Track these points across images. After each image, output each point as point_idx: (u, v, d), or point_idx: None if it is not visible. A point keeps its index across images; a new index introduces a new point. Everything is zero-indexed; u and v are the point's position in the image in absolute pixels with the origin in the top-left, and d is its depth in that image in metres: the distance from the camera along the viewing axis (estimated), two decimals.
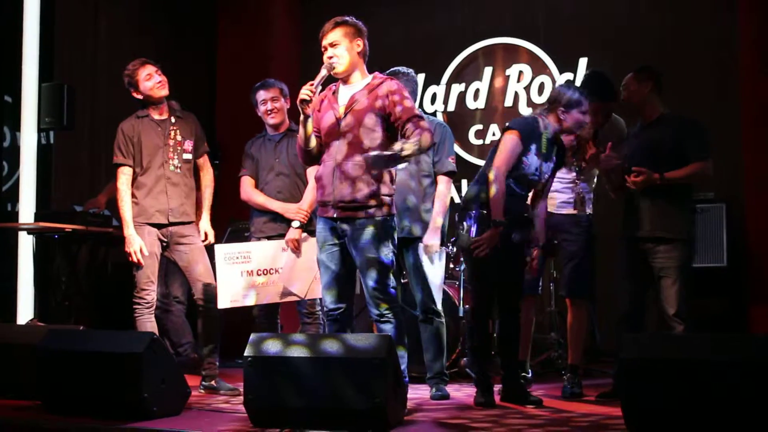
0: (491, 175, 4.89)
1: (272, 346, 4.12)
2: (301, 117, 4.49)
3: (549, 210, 5.35)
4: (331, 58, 4.48)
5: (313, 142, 4.55)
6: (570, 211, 5.45)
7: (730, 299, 6.70)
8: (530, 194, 5.12)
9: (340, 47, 4.48)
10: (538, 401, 4.96)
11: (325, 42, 4.51)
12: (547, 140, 5.00)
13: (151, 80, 5.43)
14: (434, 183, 5.36)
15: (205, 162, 5.65)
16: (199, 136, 5.61)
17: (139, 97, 5.47)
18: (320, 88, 4.47)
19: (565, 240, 5.47)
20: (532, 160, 4.95)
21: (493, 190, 4.85)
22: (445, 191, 5.35)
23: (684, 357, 3.86)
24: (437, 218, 5.26)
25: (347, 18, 4.55)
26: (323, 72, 4.46)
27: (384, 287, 4.41)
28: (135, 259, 5.29)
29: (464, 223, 5.00)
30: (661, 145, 5.08)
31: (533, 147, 4.94)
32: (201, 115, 6.17)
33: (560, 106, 4.98)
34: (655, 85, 5.20)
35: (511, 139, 4.95)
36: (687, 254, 5.06)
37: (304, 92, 4.40)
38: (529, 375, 5.63)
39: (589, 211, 5.50)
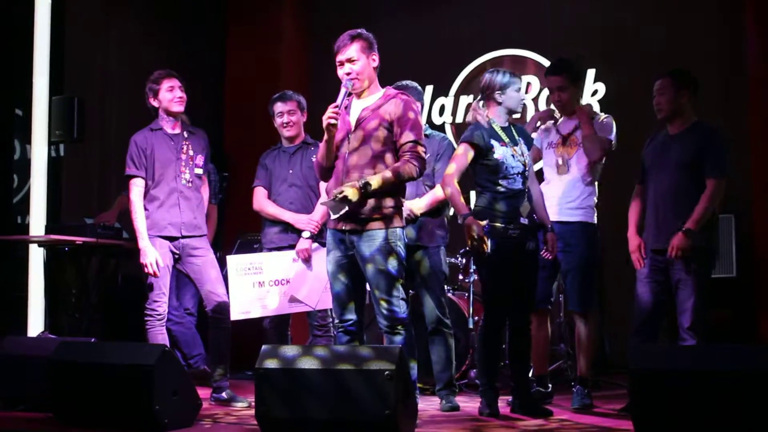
0: (440, 183, 5.08)
1: (283, 358, 4.13)
2: (326, 136, 4.48)
3: (552, 219, 5.27)
4: (349, 74, 4.47)
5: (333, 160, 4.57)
6: (570, 219, 5.40)
7: (739, 310, 6.70)
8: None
9: (358, 63, 4.47)
10: (548, 413, 4.97)
11: (341, 57, 4.50)
12: (502, 128, 5.02)
13: (172, 92, 5.46)
14: None
15: (204, 179, 5.71)
16: (207, 152, 5.65)
17: (155, 104, 5.48)
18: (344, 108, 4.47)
19: (568, 252, 5.40)
20: (503, 152, 4.95)
21: (447, 192, 4.91)
22: (438, 193, 5.28)
23: (694, 368, 3.87)
24: (423, 200, 5.29)
25: (361, 31, 4.54)
26: (344, 91, 4.45)
27: (393, 299, 4.42)
28: (150, 271, 5.30)
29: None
30: (684, 155, 4.98)
31: (493, 143, 4.95)
32: (210, 126, 6.21)
33: (495, 90, 5.01)
34: (691, 93, 5.09)
35: (459, 149, 5.00)
36: (706, 265, 4.96)
37: (331, 116, 4.38)
38: (549, 389, 5.60)
39: (589, 220, 5.44)
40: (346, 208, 4.35)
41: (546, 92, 7.85)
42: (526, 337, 5.10)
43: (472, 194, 7.70)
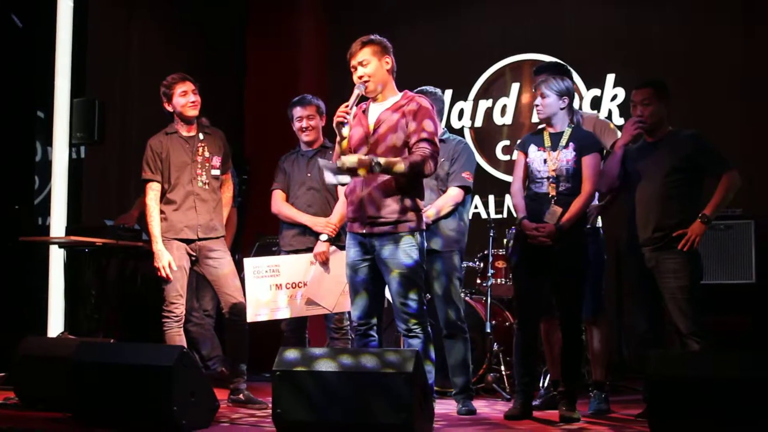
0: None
1: (301, 360, 4.15)
2: (338, 138, 4.54)
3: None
4: (361, 77, 4.51)
5: None
6: None
7: (758, 316, 6.65)
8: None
9: (370, 66, 4.51)
10: (569, 418, 4.90)
11: (354, 62, 4.55)
12: (554, 133, 5.04)
13: (185, 97, 5.47)
14: None
15: (227, 180, 5.70)
16: (225, 153, 5.66)
17: (170, 109, 5.52)
18: (354, 108, 4.51)
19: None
20: (535, 156, 5.04)
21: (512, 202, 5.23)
22: (451, 196, 5.35)
23: (711, 375, 3.86)
24: (437, 204, 5.31)
25: (373, 36, 4.58)
26: (356, 93, 4.50)
27: (412, 302, 4.43)
28: (164, 274, 5.34)
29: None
30: (671, 162, 4.97)
31: (530, 147, 5.06)
32: (229, 129, 6.23)
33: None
34: (669, 102, 5.12)
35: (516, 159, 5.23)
36: (694, 272, 4.91)
37: (341, 115, 4.44)
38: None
39: (592, 224, 5.39)
40: (348, 179, 4.45)
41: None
42: (569, 341, 4.99)
43: (491, 198, 7.81)
